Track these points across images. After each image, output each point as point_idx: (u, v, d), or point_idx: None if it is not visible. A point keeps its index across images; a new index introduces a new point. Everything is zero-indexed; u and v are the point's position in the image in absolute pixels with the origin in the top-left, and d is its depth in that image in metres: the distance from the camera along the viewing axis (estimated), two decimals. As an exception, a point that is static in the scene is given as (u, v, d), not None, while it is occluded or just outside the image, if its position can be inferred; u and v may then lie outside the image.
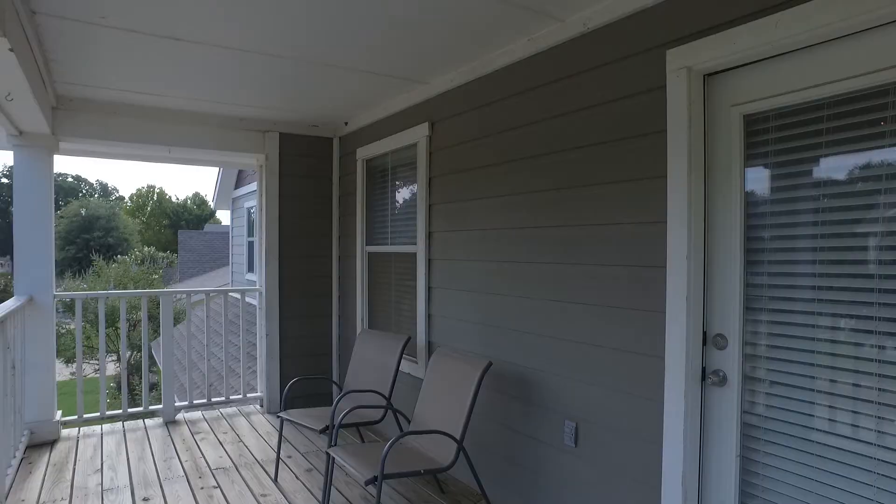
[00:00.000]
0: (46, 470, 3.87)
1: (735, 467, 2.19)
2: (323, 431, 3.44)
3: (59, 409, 4.57)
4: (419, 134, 4.08)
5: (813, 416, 1.99)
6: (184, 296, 5.60)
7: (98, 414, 4.79)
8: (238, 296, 5.49)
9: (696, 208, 2.29)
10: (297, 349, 5.31)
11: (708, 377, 2.29)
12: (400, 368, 3.87)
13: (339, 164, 5.38)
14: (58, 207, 37.40)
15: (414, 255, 4.20)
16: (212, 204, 11.57)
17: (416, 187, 4.20)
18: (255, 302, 6.36)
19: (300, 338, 5.33)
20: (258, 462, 4.05)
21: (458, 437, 2.96)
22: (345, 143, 5.31)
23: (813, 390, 1.99)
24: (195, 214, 60.78)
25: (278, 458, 3.88)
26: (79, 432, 4.64)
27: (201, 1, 2.67)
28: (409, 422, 3.50)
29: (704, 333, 2.30)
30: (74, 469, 3.90)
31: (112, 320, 13.08)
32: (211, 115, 4.86)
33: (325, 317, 5.45)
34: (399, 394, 4.07)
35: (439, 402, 3.29)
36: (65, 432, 4.59)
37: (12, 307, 3.60)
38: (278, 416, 3.83)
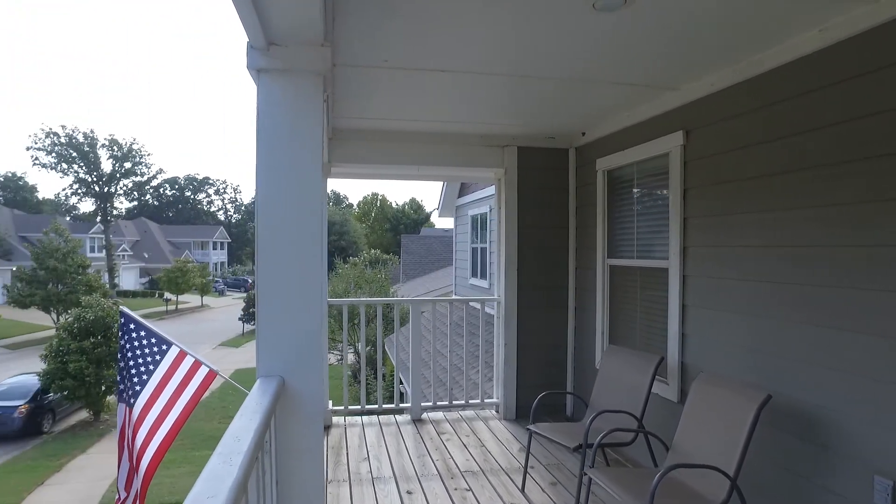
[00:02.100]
0: (327, 453, 4.48)
1: None
2: (576, 449, 3.42)
3: (329, 399, 5.26)
4: (671, 143, 3.85)
5: None
6: (415, 299, 6.07)
7: (359, 407, 5.41)
8: (478, 305, 5.74)
9: None
10: (533, 358, 5.39)
11: None
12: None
13: (576, 175, 5.34)
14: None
15: (665, 270, 3.97)
16: (437, 212, 12.41)
17: (666, 199, 3.96)
18: (489, 310, 6.63)
19: (536, 347, 5.40)
20: (503, 469, 4.18)
21: (731, 473, 2.71)
22: (581, 153, 5.25)
23: None
24: (412, 218, 66.23)
25: (526, 469, 3.96)
26: (344, 421, 5.29)
27: (471, 39, 2.87)
28: (665, 447, 3.31)
29: None
30: (347, 455, 4.45)
31: (351, 318, 14.81)
32: (455, 135, 5.17)
33: (561, 327, 5.44)
34: (648, 415, 3.88)
35: (705, 433, 3.05)
36: (334, 419, 5.27)
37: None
38: (527, 429, 3.91)
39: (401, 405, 5.50)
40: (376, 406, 5.47)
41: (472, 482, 3.96)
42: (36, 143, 51.23)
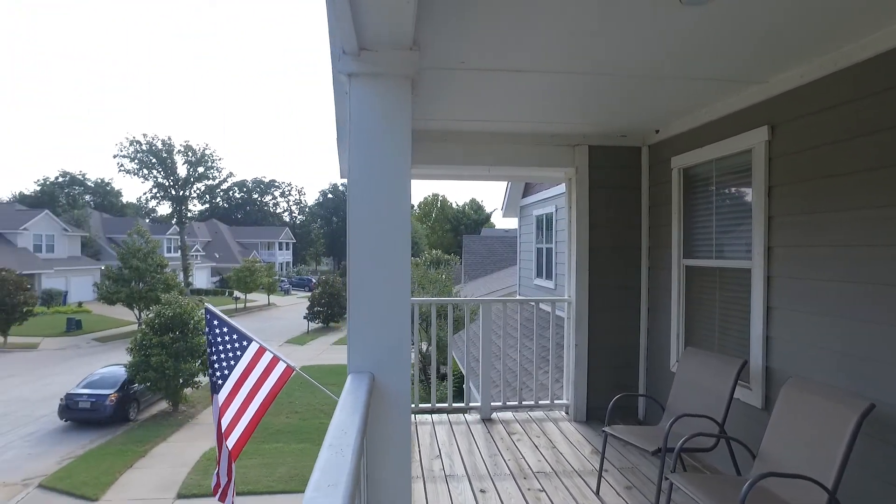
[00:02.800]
0: (400, 450, 4.56)
1: None
2: (654, 454, 3.35)
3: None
4: (754, 139, 3.70)
5: None
6: (486, 299, 6.09)
7: (429, 405, 5.48)
8: (548, 308, 5.69)
9: None
10: (604, 360, 5.30)
11: None
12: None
13: (649, 173, 5.21)
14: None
15: (747, 270, 3.82)
16: (501, 212, 12.40)
17: (748, 198, 3.82)
18: (559, 312, 6.54)
19: (607, 349, 5.31)
20: (576, 471, 4.14)
21: (829, 486, 2.58)
22: (655, 151, 5.12)
23: None
24: (472, 219, 66.38)
25: (601, 471, 3.90)
26: (414, 419, 5.36)
27: (554, 37, 2.85)
28: (751, 455, 3.19)
29: None
30: (420, 452, 4.51)
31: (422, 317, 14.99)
32: (526, 135, 5.15)
33: (633, 328, 5.33)
34: (729, 421, 3.74)
35: (797, 442, 2.91)
36: (405, 417, 5.36)
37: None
38: (602, 431, 3.86)
39: (470, 404, 5.54)
40: (446, 405, 5.53)
41: (545, 483, 3.94)
42: (121, 151, 54.60)
